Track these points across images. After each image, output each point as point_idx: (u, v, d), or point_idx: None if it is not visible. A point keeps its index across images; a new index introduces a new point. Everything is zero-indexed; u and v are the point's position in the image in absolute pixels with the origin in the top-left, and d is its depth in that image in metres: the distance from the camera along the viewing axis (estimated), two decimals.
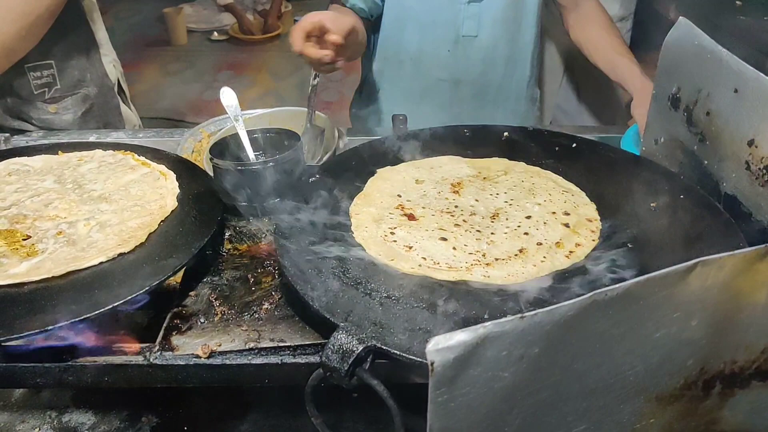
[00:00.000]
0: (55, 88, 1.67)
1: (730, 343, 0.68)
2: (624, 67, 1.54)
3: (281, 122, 1.42)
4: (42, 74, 1.63)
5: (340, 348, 0.75)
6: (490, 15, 1.65)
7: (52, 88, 1.66)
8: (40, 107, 1.66)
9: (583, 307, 0.55)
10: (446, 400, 0.55)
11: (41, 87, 1.64)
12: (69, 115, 1.70)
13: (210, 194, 1.09)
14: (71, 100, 1.70)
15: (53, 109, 1.68)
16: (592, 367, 0.62)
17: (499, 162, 1.18)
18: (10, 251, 0.96)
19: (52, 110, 1.67)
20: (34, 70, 1.61)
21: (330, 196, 1.06)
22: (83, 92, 1.71)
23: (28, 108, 1.66)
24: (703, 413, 0.72)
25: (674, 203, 1.01)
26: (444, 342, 0.51)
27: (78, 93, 1.71)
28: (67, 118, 1.70)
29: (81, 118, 1.72)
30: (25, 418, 1.05)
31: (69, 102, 1.69)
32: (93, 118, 1.75)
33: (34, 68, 1.61)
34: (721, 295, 0.62)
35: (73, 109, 1.70)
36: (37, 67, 1.62)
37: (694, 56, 1.03)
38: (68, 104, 1.69)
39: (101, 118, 1.78)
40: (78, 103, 1.70)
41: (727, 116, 0.97)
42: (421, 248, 0.94)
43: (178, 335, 0.86)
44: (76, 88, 1.70)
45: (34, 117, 1.67)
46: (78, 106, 1.71)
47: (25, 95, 1.64)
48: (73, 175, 1.16)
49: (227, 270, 0.99)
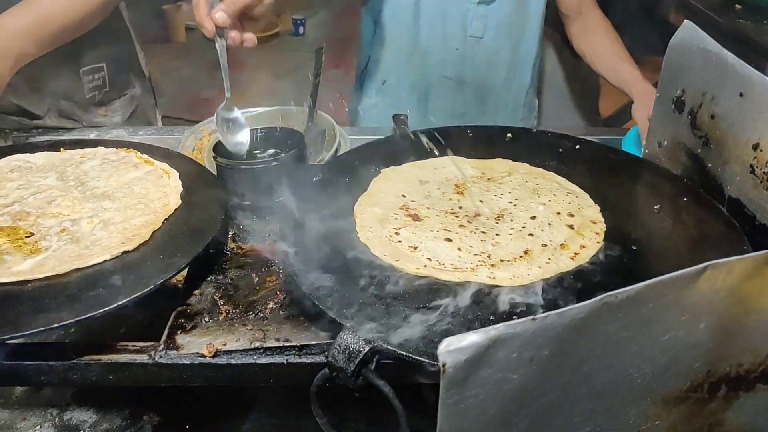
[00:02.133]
0: (105, 91, 1.68)
1: (736, 347, 0.68)
2: (625, 71, 1.56)
3: (282, 121, 1.42)
4: (94, 77, 1.64)
5: (346, 348, 0.75)
6: (496, 18, 1.66)
7: (102, 90, 1.67)
8: (92, 111, 1.67)
9: (593, 309, 0.56)
10: (457, 402, 0.55)
11: (93, 90, 1.65)
12: (117, 117, 1.71)
13: (213, 192, 1.09)
14: (119, 103, 1.71)
15: (103, 112, 1.68)
16: (600, 369, 0.62)
17: (503, 163, 1.19)
18: (14, 248, 0.95)
19: (101, 113, 1.68)
20: (88, 74, 1.62)
21: (333, 196, 1.06)
22: (130, 93, 1.73)
23: (81, 112, 1.66)
24: (707, 415, 0.73)
25: (678, 206, 1.01)
26: (456, 343, 0.51)
27: (125, 95, 1.72)
28: (116, 120, 1.71)
29: (128, 121, 1.72)
30: (26, 415, 1.05)
31: (117, 104, 1.71)
32: (137, 119, 1.77)
33: (88, 72, 1.62)
34: (729, 298, 0.63)
35: (121, 111, 1.72)
36: (90, 71, 1.62)
37: (698, 59, 1.03)
38: (116, 107, 1.70)
39: (144, 118, 1.79)
40: (125, 104, 1.72)
41: (732, 120, 0.98)
42: (426, 249, 0.94)
43: (182, 334, 0.86)
44: (123, 89, 1.72)
45: (86, 121, 1.67)
46: (125, 107, 1.72)
47: (79, 99, 1.64)
48: (75, 172, 1.15)
49: (231, 269, 0.99)
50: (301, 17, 5.57)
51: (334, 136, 1.43)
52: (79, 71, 1.62)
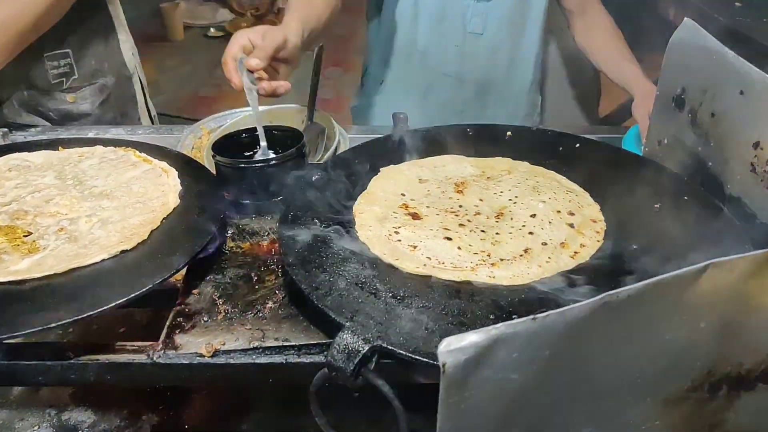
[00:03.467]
0: (73, 78, 1.65)
1: (737, 346, 0.68)
2: (627, 69, 1.56)
3: (281, 120, 1.41)
4: (59, 63, 1.61)
5: (345, 348, 0.75)
6: (497, 14, 1.65)
7: (70, 77, 1.65)
8: (59, 98, 1.65)
9: (594, 309, 0.55)
10: (457, 402, 0.55)
11: (58, 77, 1.63)
12: (86, 105, 1.68)
13: (212, 191, 1.08)
14: (89, 90, 1.68)
15: (71, 98, 1.66)
16: (601, 370, 0.62)
17: (503, 161, 1.18)
18: (11, 248, 0.95)
19: (70, 99, 1.66)
20: (52, 60, 1.60)
21: (332, 195, 1.06)
22: (101, 82, 1.70)
23: (46, 99, 1.64)
24: (708, 415, 0.72)
25: (678, 205, 1.01)
26: (456, 343, 0.51)
27: (96, 83, 1.70)
28: (85, 108, 1.68)
29: (99, 108, 1.70)
30: (24, 415, 1.04)
31: (87, 92, 1.68)
32: (110, 109, 1.74)
33: (52, 57, 1.60)
34: (731, 297, 0.62)
35: (91, 99, 1.69)
36: (54, 56, 1.60)
37: (699, 57, 1.03)
38: (86, 94, 1.68)
39: (118, 109, 1.76)
40: (95, 93, 1.69)
41: (733, 118, 0.97)
42: (425, 248, 0.93)
43: (181, 334, 0.86)
44: (93, 77, 1.69)
45: (52, 108, 1.65)
46: (95, 96, 1.69)
47: (43, 85, 1.62)
48: (74, 171, 1.15)
49: (230, 268, 0.98)
50: None
51: (333, 134, 1.43)
52: (42, 56, 1.59)
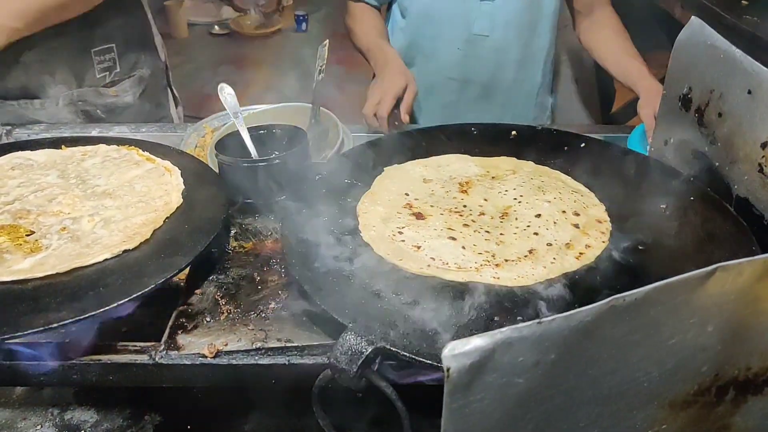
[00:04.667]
0: (115, 72, 1.70)
1: (745, 350, 0.67)
2: (633, 68, 1.54)
3: (284, 118, 1.40)
4: (104, 58, 1.65)
5: (348, 349, 0.74)
6: (504, 15, 1.63)
7: (113, 71, 1.69)
8: (103, 93, 1.68)
9: (600, 312, 0.54)
10: (461, 406, 0.54)
11: (103, 71, 1.67)
12: (129, 97, 1.73)
13: (215, 191, 1.08)
14: (129, 83, 1.72)
15: (113, 92, 1.70)
16: (607, 373, 0.61)
17: (507, 161, 1.17)
18: (14, 247, 0.94)
19: (112, 93, 1.69)
20: (98, 55, 1.64)
21: (336, 194, 1.05)
22: (138, 74, 1.74)
23: (93, 95, 1.67)
24: (715, 419, 0.72)
25: (685, 205, 1.00)
26: (460, 347, 0.50)
27: (134, 75, 1.73)
28: (128, 100, 1.73)
29: (139, 100, 1.74)
30: (27, 415, 1.04)
31: (127, 84, 1.72)
32: (147, 100, 1.79)
33: (99, 53, 1.64)
34: (739, 301, 0.62)
35: (132, 91, 1.73)
36: (100, 52, 1.64)
37: (706, 56, 1.02)
38: (126, 86, 1.72)
39: (153, 99, 1.81)
40: (135, 84, 1.73)
41: (740, 118, 0.96)
42: (429, 248, 0.93)
43: (183, 334, 0.86)
44: (132, 70, 1.73)
45: (98, 103, 1.68)
46: (135, 87, 1.73)
47: (90, 81, 1.66)
48: (76, 170, 1.14)
49: (233, 268, 0.98)
50: (304, 13, 5.54)
51: (337, 133, 1.42)
52: (90, 52, 1.63)
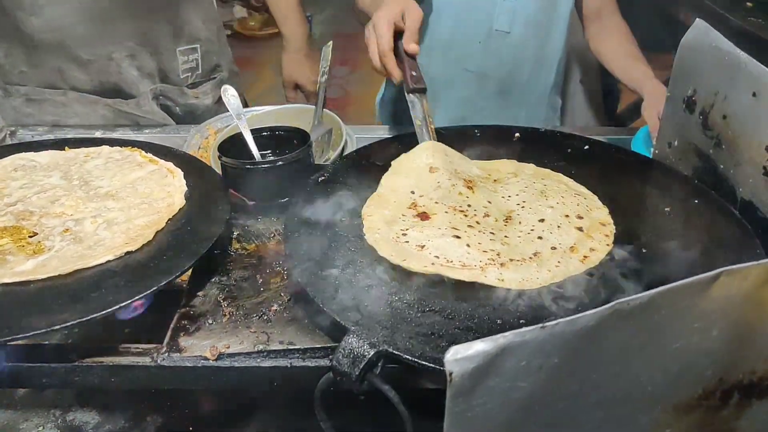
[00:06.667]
0: (197, 74, 1.70)
1: (749, 354, 0.66)
2: (638, 71, 1.54)
3: (288, 119, 1.40)
4: (189, 58, 1.65)
5: (351, 352, 0.74)
6: (525, 13, 1.64)
7: (195, 73, 1.69)
8: (186, 92, 1.68)
9: (604, 316, 0.54)
10: (464, 410, 0.54)
11: (186, 71, 1.67)
12: (208, 99, 1.72)
13: (218, 192, 1.08)
14: (209, 85, 1.72)
15: (194, 94, 1.69)
16: (611, 378, 0.61)
17: (508, 164, 1.17)
18: (17, 248, 0.95)
19: (194, 95, 1.69)
20: (184, 54, 1.64)
21: (339, 196, 1.05)
22: (219, 77, 1.74)
23: (176, 93, 1.67)
24: (719, 423, 0.71)
25: (689, 208, 1.00)
26: (463, 352, 0.50)
27: (214, 78, 1.73)
28: (207, 102, 1.72)
29: (216, 104, 1.73)
30: (29, 416, 1.04)
31: (208, 87, 1.72)
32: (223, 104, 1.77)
33: (184, 52, 1.64)
34: (744, 305, 0.61)
35: (212, 94, 1.72)
36: (186, 51, 1.64)
37: (710, 58, 1.02)
38: (207, 89, 1.72)
39: None
40: (214, 88, 1.72)
41: (745, 120, 0.96)
42: (434, 247, 0.92)
43: (185, 336, 0.85)
44: (212, 72, 1.73)
45: (180, 102, 1.68)
46: (214, 91, 1.72)
47: (174, 79, 1.66)
48: (79, 171, 1.14)
49: (235, 270, 0.98)
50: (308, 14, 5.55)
51: (340, 135, 1.42)
52: (176, 50, 1.63)
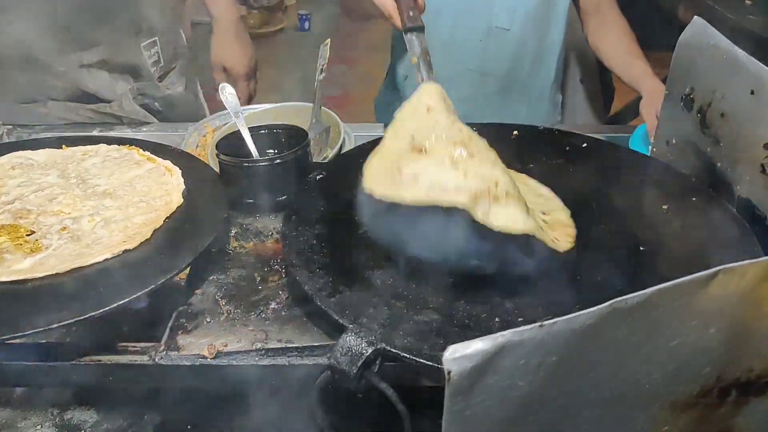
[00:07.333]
0: (160, 66, 1.69)
1: (747, 351, 0.67)
2: (637, 68, 1.55)
3: (286, 118, 1.40)
4: (151, 52, 1.65)
5: (348, 350, 0.74)
6: (524, 9, 1.64)
7: (158, 65, 1.68)
8: (158, 86, 1.68)
9: (602, 315, 0.54)
10: (462, 409, 0.54)
11: (153, 65, 1.66)
12: (180, 87, 1.72)
13: (216, 191, 1.07)
14: (174, 75, 1.72)
15: (165, 86, 1.69)
16: (609, 376, 0.61)
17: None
18: (14, 247, 0.94)
19: (164, 87, 1.69)
20: (146, 49, 1.63)
21: (337, 194, 1.05)
22: (179, 65, 1.74)
23: (152, 88, 1.67)
24: (717, 421, 0.71)
25: (687, 206, 1.00)
26: (461, 350, 0.50)
27: (174, 67, 1.73)
28: (180, 90, 1.72)
29: (186, 90, 1.74)
30: (27, 415, 1.04)
31: (174, 77, 1.72)
32: (191, 90, 1.79)
33: (147, 47, 1.64)
34: (741, 303, 0.61)
35: (179, 82, 1.73)
36: (148, 46, 1.64)
37: (708, 56, 1.02)
38: (174, 79, 1.72)
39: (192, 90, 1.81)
40: (179, 76, 1.73)
41: (743, 118, 0.96)
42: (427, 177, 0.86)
43: (183, 334, 0.85)
44: (171, 62, 1.72)
45: (157, 96, 1.68)
46: (179, 79, 1.73)
47: (146, 75, 1.66)
48: (77, 169, 1.14)
49: (233, 268, 0.98)
50: (307, 12, 5.53)
51: (338, 133, 1.42)
52: (140, 46, 1.62)
